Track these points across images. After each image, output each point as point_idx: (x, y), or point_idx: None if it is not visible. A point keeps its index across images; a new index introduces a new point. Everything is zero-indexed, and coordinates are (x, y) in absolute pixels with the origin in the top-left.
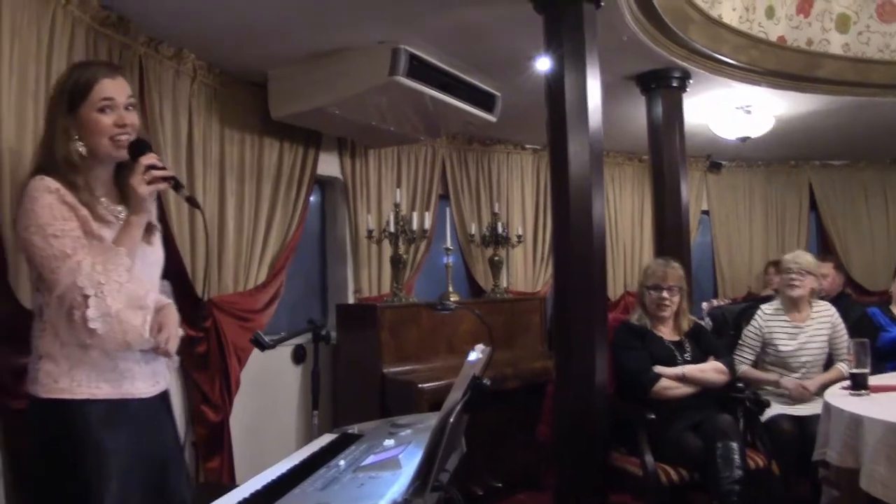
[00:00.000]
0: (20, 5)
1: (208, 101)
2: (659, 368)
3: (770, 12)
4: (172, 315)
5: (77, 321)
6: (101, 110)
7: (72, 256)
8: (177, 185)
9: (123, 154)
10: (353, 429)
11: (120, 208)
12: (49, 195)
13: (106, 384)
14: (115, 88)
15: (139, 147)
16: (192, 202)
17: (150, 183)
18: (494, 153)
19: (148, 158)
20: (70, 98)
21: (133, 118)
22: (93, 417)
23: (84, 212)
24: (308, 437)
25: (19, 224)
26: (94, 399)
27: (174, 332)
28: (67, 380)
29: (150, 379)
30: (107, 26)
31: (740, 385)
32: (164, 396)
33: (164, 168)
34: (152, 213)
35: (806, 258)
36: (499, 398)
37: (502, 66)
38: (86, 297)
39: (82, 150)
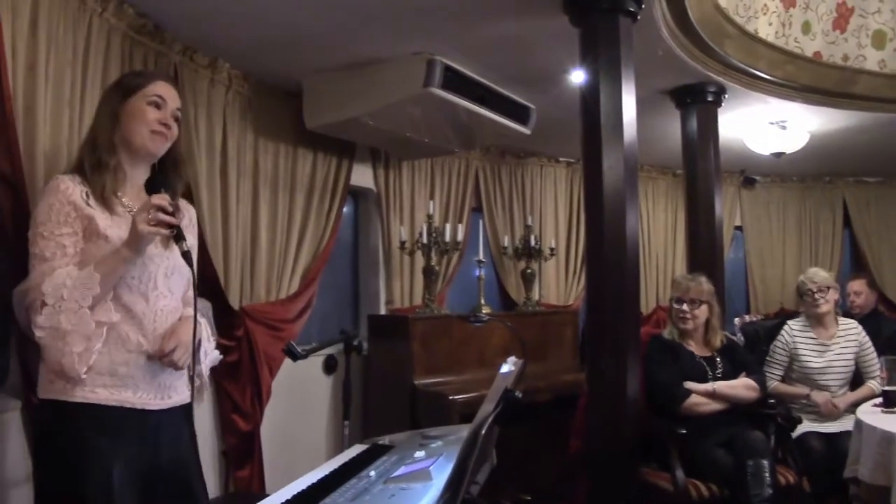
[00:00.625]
0: (56, 13)
1: (243, 111)
2: (690, 384)
3: (806, 28)
4: (187, 327)
5: (26, 323)
6: (151, 104)
7: (49, 261)
8: (178, 237)
9: (155, 151)
10: (384, 440)
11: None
12: (54, 195)
13: (103, 389)
14: (169, 93)
15: (157, 184)
16: (186, 259)
17: (151, 224)
18: (528, 166)
19: (160, 198)
20: (125, 90)
21: (175, 128)
22: (87, 422)
23: (89, 211)
24: (338, 448)
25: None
26: (88, 403)
27: (185, 342)
28: (62, 381)
29: (158, 391)
30: (143, 34)
31: (771, 401)
32: (180, 411)
33: (172, 214)
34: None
35: (821, 274)
36: (530, 411)
37: (537, 79)
38: (43, 304)
39: (117, 139)
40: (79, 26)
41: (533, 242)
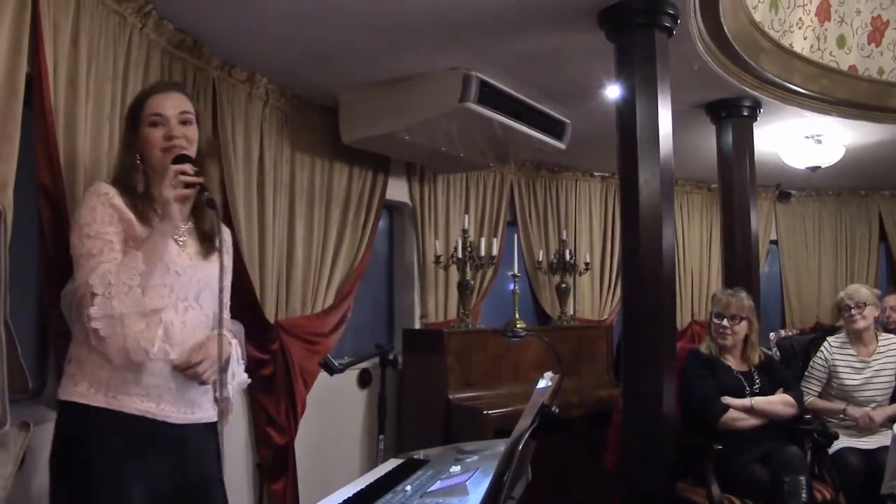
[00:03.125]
0: (97, 29)
1: (279, 125)
2: (727, 399)
3: (841, 41)
4: (213, 344)
5: (83, 321)
6: (153, 125)
7: (95, 257)
8: (202, 191)
9: None
10: (419, 454)
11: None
12: (96, 198)
13: (126, 397)
14: (165, 103)
15: (178, 160)
16: (210, 204)
17: (176, 187)
18: (562, 180)
19: (179, 167)
20: (130, 117)
21: (187, 131)
22: (109, 431)
23: (130, 215)
24: (372, 462)
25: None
26: (110, 409)
27: (212, 357)
28: (86, 384)
29: (184, 406)
30: (181, 49)
31: (808, 417)
32: (203, 428)
33: (193, 175)
34: (211, 224)
35: (861, 292)
36: (564, 426)
37: (572, 94)
38: (93, 295)
39: (138, 162)
40: (119, 42)
41: (567, 257)
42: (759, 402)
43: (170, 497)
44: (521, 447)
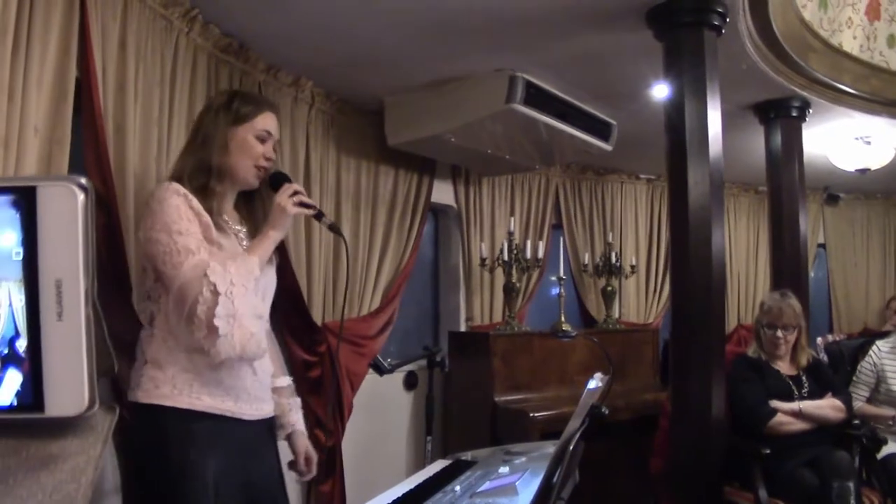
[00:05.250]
0: (144, 33)
1: (325, 128)
2: (775, 403)
3: (891, 41)
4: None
5: (200, 316)
6: (259, 138)
7: (195, 254)
8: (319, 215)
9: (254, 184)
10: (467, 455)
11: (238, 227)
12: (177, 197)
13: (208, 397)
14: (275, 125)
15: (282, 178)
16: (334, 230)
17: (297, 205)
18: (608, 182)
19: (296, 186)
20: (235, 116)
21: (274, 157)
22: (190, 428)
23: (207, 218)
24: (418, 464)
25: (145, 225)
26: (193, 410)
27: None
28: (169, 386)
29: (256, 402)
30: (228, 53)
31: (857, 422)
32: (267, 424)
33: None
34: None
35: None
36: (610, 430)
37: (618, 95)
38: (216, 293)
39: (224, 164)
40: (166, 46)
41: (613, 259)
42: (807, 406)
43: (244, 494)
44: (571, 447)
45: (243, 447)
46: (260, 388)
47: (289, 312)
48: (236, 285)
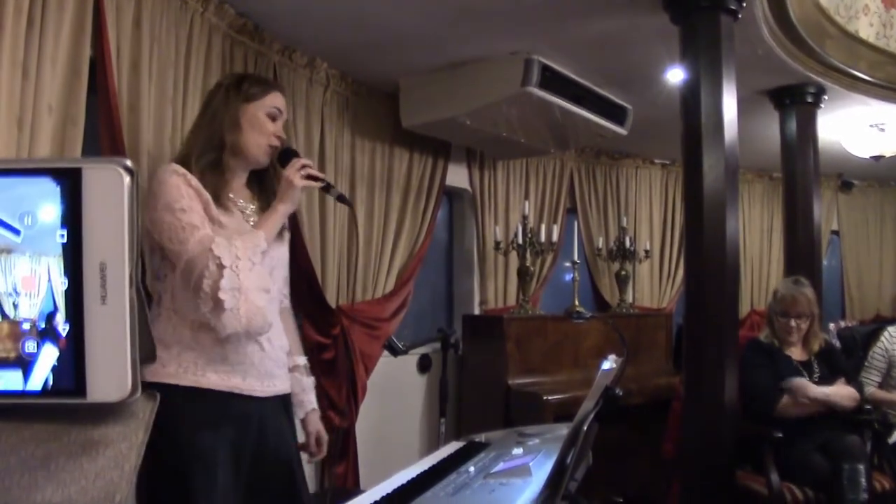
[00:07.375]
0: (159, 12)
1: (340, 110)
2: (800, 381)
3: None
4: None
5: (206, 290)
6: (270, 115)
7: (200, 228)
8: (327, 187)
9: (265, 162)
10: (480, 437)
11: (246, 204)
12: (176, 177)
13: (214, 374)
14: (282, 102)
15: (291, 153)
16: (343, 200)
17: (305, 178)
18: (623, 167)
19: (304, 160)
20: (246, 96)
21: (284, 136)
22: (197, 406)
23: (207, 196)
24: (431, 446)
25: (148, 206)
26: (199, 387)
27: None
28: (175, 365)
29: (266, 379)
30: (243, 34)
31: (868, 407)
32: (282, 400)
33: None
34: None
35: None
36: (622, 414)
37: (634, 79)
38: (221, 266)
39: (236, 142)
40: (181, 25)
41: (627, 244)
42: (824, 391)
43: (258, 471)
44: (585, 428)
45: (254, 423)
46: (271, 364)
47: (303, 294)
48: (242, 259)
